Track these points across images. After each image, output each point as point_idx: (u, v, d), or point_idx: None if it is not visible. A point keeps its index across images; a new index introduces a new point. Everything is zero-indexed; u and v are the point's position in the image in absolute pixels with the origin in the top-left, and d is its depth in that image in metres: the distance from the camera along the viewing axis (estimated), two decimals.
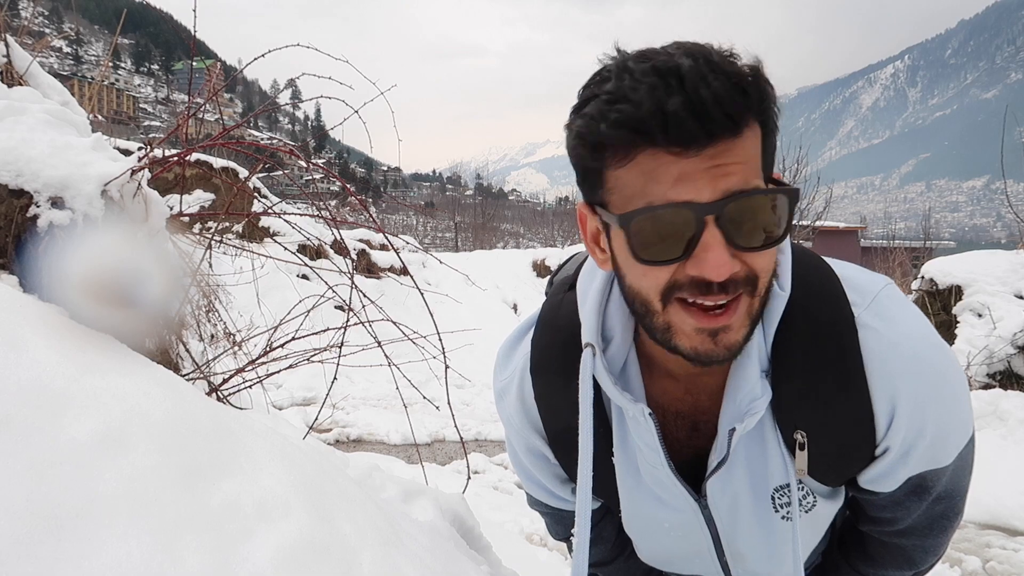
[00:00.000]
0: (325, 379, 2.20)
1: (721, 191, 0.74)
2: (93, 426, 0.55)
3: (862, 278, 0.93)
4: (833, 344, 0.88)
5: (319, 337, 2.39)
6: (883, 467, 0.93)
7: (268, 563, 0.54)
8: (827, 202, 14.70)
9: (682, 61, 0.73)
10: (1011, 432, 4.96)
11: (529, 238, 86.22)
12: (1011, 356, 5.80)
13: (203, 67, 3.08)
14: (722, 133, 0.73)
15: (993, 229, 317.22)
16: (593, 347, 0.92)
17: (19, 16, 5.55)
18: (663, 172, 0.75)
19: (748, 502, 0.98)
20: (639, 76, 0.74)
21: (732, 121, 0.73)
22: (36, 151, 1.24)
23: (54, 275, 1.00)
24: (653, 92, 0.73)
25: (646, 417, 0.91)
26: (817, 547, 1.19)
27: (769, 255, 0.80)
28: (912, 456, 0.91)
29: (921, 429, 0.89)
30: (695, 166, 0.74)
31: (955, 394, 0.91)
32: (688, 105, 0.71)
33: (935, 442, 0.90)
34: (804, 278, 0.90)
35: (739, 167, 0.75)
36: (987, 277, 6.44)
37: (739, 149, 0.75)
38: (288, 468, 0.70)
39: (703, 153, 0.74)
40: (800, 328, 0.88)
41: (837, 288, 0.91)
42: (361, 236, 11.94)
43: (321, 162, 8.80)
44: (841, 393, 0.88)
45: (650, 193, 0.77)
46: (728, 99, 0.72)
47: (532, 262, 15.31)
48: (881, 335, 0.87)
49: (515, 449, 1.13)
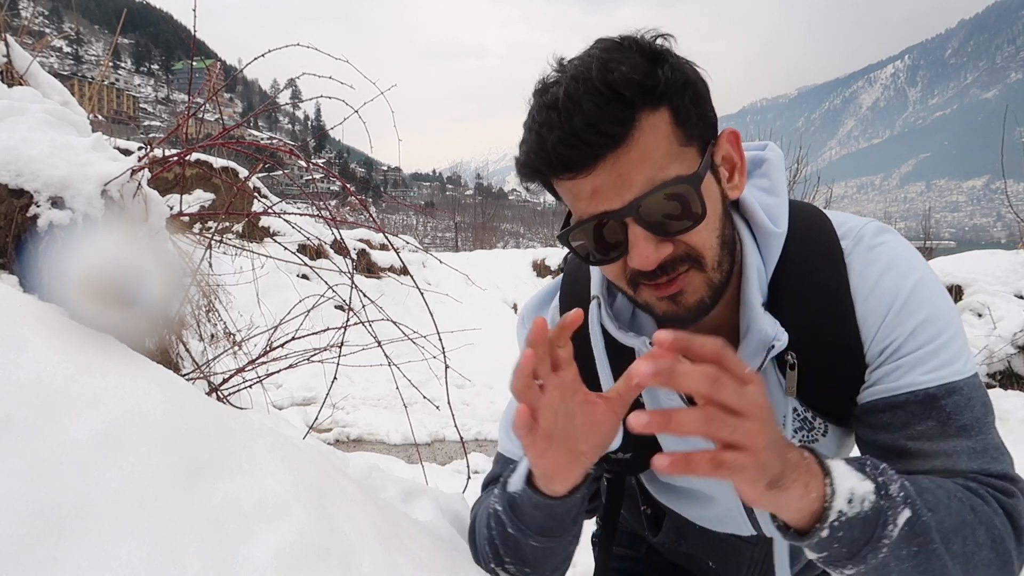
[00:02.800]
0: (325, 379, 2.20)
1: (630, 195, 0.84)
2: (93, 426, 0.55)
3: (848, 217, 1.03)
4: (823, 274, 0.96)
5: (319, 337, 2.39)
6: (875, 377, 0.95)
7: (268, 563, 0.54)
8: (827, 202, 14.69)
9: (561, 91, 0.82)
10: (1011, 432, 4.96)
11: (529, 238, 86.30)
12: (1011, 356, 5.80)
13: (203, 67, 3.08)
14: (602, 151, 0.82)
15: (993, 229, 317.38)
16: (599, 298, 1.04)
17: (19, 16, 5.55)
18: (577, 189, 0.87)
19: None
20: (535, 114, 0.87)
21: (609, 137, 0.81)
22: (36, 151, 1.24)
23: (54, 275, 1.00)
24: (540, 131, 0.85)
25: (648, 347, 0.99)
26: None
27: (702, 232, 0.88)
28: (902, 364, 0.92)
29: (904, 336, 0.92)
30: (600, 179, 0.84)
31: (937, 301, 0.94)
32: (564, 137, 0.82)
33: (922, 351, 0.92)
34: (799, 219, 1.00)
35: (641, 168, 0.83)
36: (987, 277, 6.44)
37: (636, 148, 0.83)
38: (288, 468, 0.70)
39: (598, 168, 0.83)
40: (796, 262, 0.97)
41: (828, 226, 1.00)
42: (361, 236, 11.93)
43: (321, 162, 8.81)
44: (831, 317, 0.96)
45: (575, 208, 0.90)
46: (601, 118, 0.80)
47: (532, 262, 15.31)
48: (864, 262, 0.96)
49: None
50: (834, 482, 0.76)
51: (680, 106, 0.85)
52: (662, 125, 0.84)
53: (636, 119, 0.82)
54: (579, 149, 0.82)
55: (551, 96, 0.84)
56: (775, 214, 0.97)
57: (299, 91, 9.28)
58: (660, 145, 0.83)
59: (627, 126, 0.81)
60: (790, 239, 0.97)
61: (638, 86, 0.81)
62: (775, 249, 0.96)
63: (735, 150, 0.94)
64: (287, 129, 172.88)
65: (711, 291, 0.91)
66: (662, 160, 0.84)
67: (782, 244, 0.96)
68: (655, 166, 0.83)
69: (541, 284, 14.06)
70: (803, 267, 0.97)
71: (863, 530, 0.76)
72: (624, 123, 0.81)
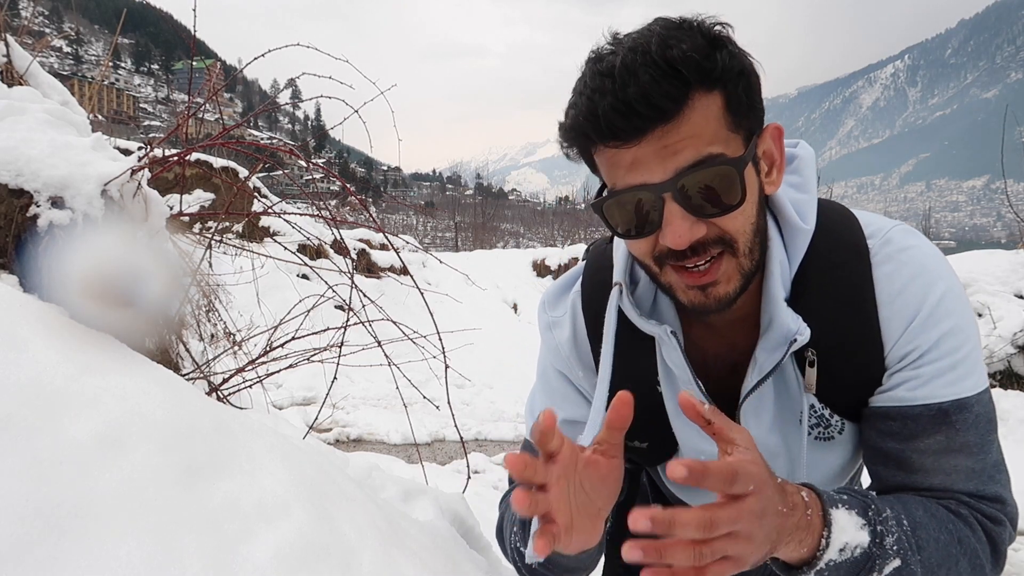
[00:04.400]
0: (325, 379, 2.19)
1: (672, 170, 0.83)
2: (93, 426, 0.55)
3: (876, 218, 1.02)
4: (848, 272, 0.96)
5: (319, 337, 2.39)
6: (893, 382, 0.95)
7: (268, 563, 0.54)
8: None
9: (619, 60, 0.82)
10: (1011, 432, 4.96)
11: (529, 238, 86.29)
12: (1011, 356, 5.80)
13: (203, 67, 3.08)
14: (653, 124, 0.81)
15: (993, 229, 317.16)
16: (621, 285, 1.04)
17: (19, 16, 5.55)
18: (619, 159, 0.86)
19: (777, 428, 1.04)
20: (588, 80, 0.85)
21: (660, 111, 0.81)
22: (36, 151, 1.24)
23: (54, 275, 1.00)
24: (592, 96, 0.83)
25: (669, 336, 0.99)
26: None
27: (738, 217, 0.87)
28: (921, 374, 0.93)
29: (927, 345, 0.92)
30: (644, 151, 0.83)
31: (963, 313, 0.94)
32: (616, 105, 0.81)
33: (942, 362, 0.92)
34: (827, 217, 0.99)
35: (687, 143, 0.83)
36: (987, 277, 6.44)
37: (685, 126, 0.82)
38: (288, 468, 0.70)
39: (645, 140, 0.82)
40: (822, 259, 0.97)
41: (855, 225, 1.00)
42: (361, 236, 11.93)
43: (321, 162, 8.80)
44: (853, 316, 0.95)
45: (613, 177, 0.88)
46: (655, 90, 0.80)
47: (532, 262, 15.31)
48: (892, 265, 0.95)
49: (548, 375, 1.19)
50: (831, 535, 0.81)
51: (733, 93, 0.85)
52: (713, 108, 0.83)
53: (689, 97, 0.81)
54: (629, 119, 0.81)
55: (607, 64, 0.83)
56: (804, 210, 0.97)
57: (299, 91, 9.27)
58: (709, 126, 0.83)
59: (679, 103, 0.81)
60: (817, 236, 0.96)
61: (696, 66, 0.81)
62: (801, 245, 0.96)
63: (776, 146, 0.93)
64: (287, 129, 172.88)
65: (742, 278, 0.90)
66: (709, 141, 0.83)
67: (808, 241, 0.96)
68: (701, 145, 0.83)
69: (541, 284, 14.07)
70: (828, 265, 0.96)
71: (849, 571, 0.83)
72: (677, 99, 0.81)
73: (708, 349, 1.05)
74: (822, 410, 1.02)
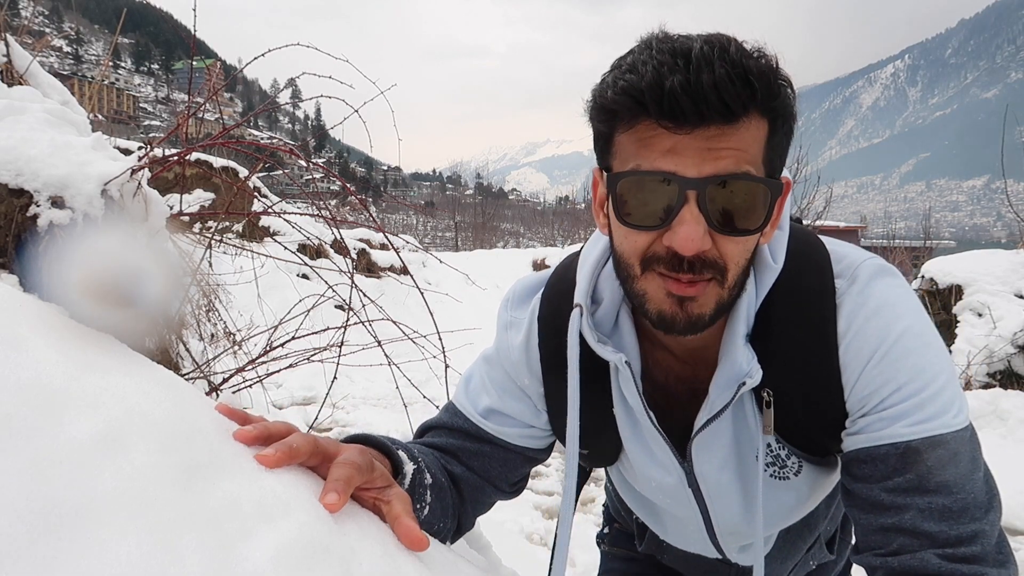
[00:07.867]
0: (325, 378, 2.20)
1: (708, 171, 0.80)
2: (93, 425, 0.55)
3: (849, 253, 0.98)
4: (811, 313, 0.93)
5: (319, 336, 2.39)
6: (858, 426, 0.92)
7: (268, 562, 0.54)
8: (827, 202, 14.69)
9: (697, 45, 0.78)
10: (1011, 432, 4.96)
11: (529, 237, 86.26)
12: (1011, 355, 5.80)
13: (203, 66, 3.08)
14: (715, 118, 0.78)
15: (993, 229, 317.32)
16: (581, 307, 0.99)
17: (19, 16, 5.54)
18: (657, 142, 0.81)
19: (731, 465, 1.02)
20: (655, 53, 0.80)
21: (727, 108, 0.77)
22: (36, 150, 1.24)
23: (54, 274, 1.00)
24: (659, 68, 0.78)
25: (623, 365, 0.96)
26: (812, 544, 1.22)
27: (741, 244, 0.85)
28: (884, 416, 0.89)
29: (887, 388, 0.88)
30: (688, 143, 0.79)
31: (924, 351, 0.89)
32: (686, 84, 0.77)
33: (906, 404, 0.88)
34: (796, 252, 0.95)
35: (732, 152, 0.80)
36: (987, 277, 6.44)
37: (735, 137, 0.79)
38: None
39: (696, 132, 0.79)
40: (787, 298, 0.94)
41: (824, 262, 0.96)
42: (361, 236, 11.93)
43: (321, 161, 8.79)
44: (811, 356, 0.92)
45: (641, 158, 0.83)
46: (728, 86, 0.76)
47: (532, 261, 15.32)
48: (852, 305, 0.92)
49: (494, 365, 1.15)
50: None
51: (779, 130, 0.83)
52: (760, 133, 0.82)
53: (749, 111, 0.79)
54: (696, 103, 0.77)
55: (680, 45, 0.79)
56: (775, 247, 0.94)
57: (299, 91, 9.28)
58: (752, 147, 0.81)
59: (742, 111, 0.79)
60: (783, 274, 0.93)
61: (767, 85, 0.79)
62: (767, 282, 0.93)
63: (781, 201, 0.90)
64: (287, 129, 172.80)
65: (718, 308, 0.87)
66: (749, 161, 0.81)
67: (775, 278, 0.93)
68: (742, 161, 0.81)
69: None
70: (792, 303, 0.94)
71: None
72: (743, 106, 0.78)
73: (670, 373, 1.02)
74: (779, 450, 1.00)
